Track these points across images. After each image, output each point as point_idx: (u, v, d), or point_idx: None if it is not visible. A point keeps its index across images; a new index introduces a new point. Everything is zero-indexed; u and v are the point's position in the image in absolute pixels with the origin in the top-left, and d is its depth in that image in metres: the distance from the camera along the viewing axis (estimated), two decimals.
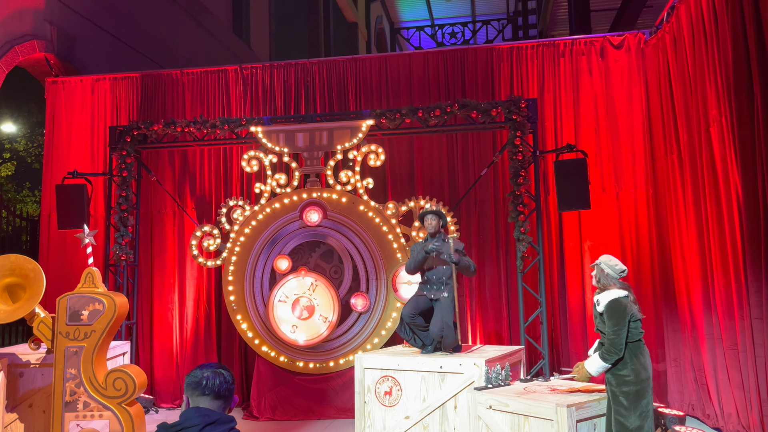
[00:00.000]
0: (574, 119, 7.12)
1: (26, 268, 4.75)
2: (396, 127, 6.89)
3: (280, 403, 6.88)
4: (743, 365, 5.00)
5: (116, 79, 8.06)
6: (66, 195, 7.11)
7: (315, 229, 6.96)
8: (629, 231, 6.90)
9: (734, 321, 5.11)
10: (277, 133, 7.02)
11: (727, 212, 5.15)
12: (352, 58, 7.76)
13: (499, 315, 7.12)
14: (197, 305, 7.61)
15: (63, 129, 8.04)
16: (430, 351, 5.28)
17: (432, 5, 22.07)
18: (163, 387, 7.53)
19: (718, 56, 5.13)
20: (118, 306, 4.69)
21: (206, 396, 2.38)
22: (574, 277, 6.99)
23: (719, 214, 5.30)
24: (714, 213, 5.39)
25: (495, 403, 4.24)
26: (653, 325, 6.67)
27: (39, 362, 5.44)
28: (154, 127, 7.22)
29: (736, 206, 4.98)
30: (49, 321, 4.71)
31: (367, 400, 5.15)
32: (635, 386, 3.71)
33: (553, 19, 15.47)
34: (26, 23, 7.76)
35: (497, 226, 7.22)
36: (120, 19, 9.69)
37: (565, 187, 6.38)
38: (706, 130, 5.46)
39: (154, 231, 7.78)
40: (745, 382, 5.00)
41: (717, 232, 5.34)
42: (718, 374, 5.46)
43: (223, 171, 7.81)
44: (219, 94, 7.91)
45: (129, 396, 4.55)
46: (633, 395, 3.71)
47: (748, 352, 4.87)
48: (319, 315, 6.78)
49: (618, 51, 7.08)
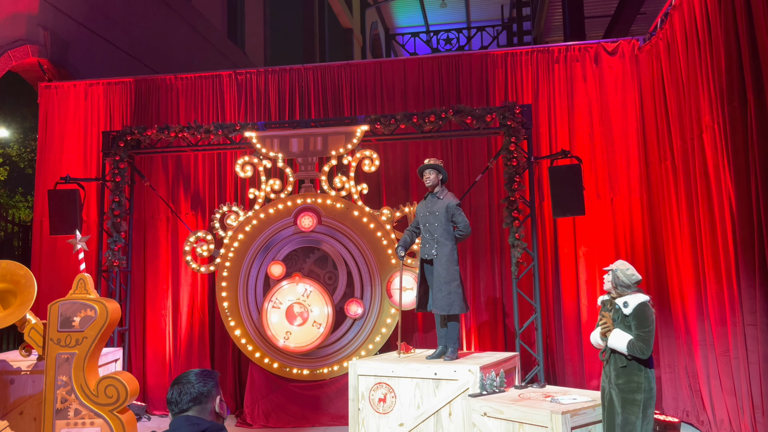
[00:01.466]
0: (568, 125, 7.14)
1: (18, 274, 4.71)
2: (391, 133, 6.88)
3: (274, 410, 6.83)
4: (735, 371, 4.99)
5: (110, 83, 8.04)
6: (58, 200, 7.07)
7: (309, 234, 6.93)
8: (624, 237, 6.91)
9: (726, 327, 5.11)
10: (271, 139, 7.00)
11: (719, 218, 5.16)
12: (346, 64, 7.76)
13: (494, 321, 7.11)
14: (190, 311, 7.57)
15: (56, 134, 7.99)
16: (436, 356, 5.28)
17: (427, 11, 22.15)
18: (156, 394, 7.47)
19: (711, 63, 5.15)
20: (110, 312, 4.65)
21: (183, 412, 2.38)
22: (569, 283, 6.99)
23: (711, 221, 5.30)
24: (707, 219, 5.39)
25: (490, 410, 4.22)
26: None
27: (30, 369, 5.40)
28: (148, 132, 7.20)
29: (728, 213, 4.99)
30: (41, 327, 4.67)
31: (361, 407, 5.12)
32: (648, 394, 3.68)
33: (547, 26, 15.54)
34: (19, 28, 7.73)
35: (492, 231, 7.21)
36: (114, 23, 9.66)
37: (559, 193, 6.38)
38: (699, 136, 5.47)
39: (147, 236, 7.73)
40: (737, 388, 4.99)
41: (710, 238, 5.34)
42: (711, 380, 5.45)
43: (217, 176, 7.78)
44: (213, 99, 7.89)
45: (121, 403, 4.51)
46: (644, 403, 3.67)
47: (740, 359, 4.87)
48: (313, 321, 6.75)
49: (612, 57, 7.11)
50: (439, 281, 5.27)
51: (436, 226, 5.39)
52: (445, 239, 5.36)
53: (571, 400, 4.19)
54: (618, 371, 3.74)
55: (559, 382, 6.79)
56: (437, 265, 5.32)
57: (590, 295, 6.86)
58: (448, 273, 5.27)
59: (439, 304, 5.26)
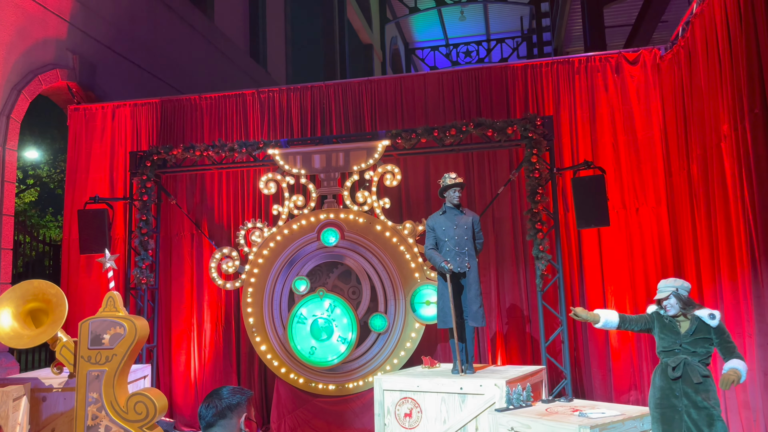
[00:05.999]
0: (590, 135, 7.09)
1: (49, 293, 4.82)
2: (411, 147, 6.91)
3: (300, 425, 6.84)
4: (750, 384, 4.91)
5: (136, 105, 8.21)
6: (87, 220, 7.22)
7: (332, 249, 6.97)
8: (652, 247, 6.79)
9: (742, 339, 5.02)
10: (294, 156, 7.08)
11: (735, 229, 5.07)
12: (367, 80, 7.83)
13: (521, 334, 7.04)
14: (215, 328, 7.64)
15: (84, 155, 8.18)
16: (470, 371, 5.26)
17: (446, 25, 22.25)
18: (183, 410, 7.54)
19: (731, 70, 5.09)
20: (139, 329, 4.73)
21: (210, 426, 2.42)
22: (594, 294, 6.90)
23: (728, 231, 5.21)
24: (723, 229, 5.30)
25: (517, 425, 4.18)
26: None
27: (61, 387, 5.49)
28: (174, 152, 7.33)
29: (743, 223, 4.88)
30: (71, 345, 4.76)
31: (387, 422, 5.11)
32: None
33: (567, 36, 15.49)
34: (49, 52, 7.96)
35: (516, 244, 7.17)
36: (140, 46, 9.89)
37: (583, 204, 6.33)
38: (717, 145, 5.39)
39: (173, 254, 7.85)
40: (751, 401, 4.92)
41: (726, 249, 5.25)
42: (726, 393, 5.36)
43: (240, 193, 7.88)
44: (237, 117, 8.01)
45: (150, 420, 4.57)
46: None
47: (754, 371, 4.78)
48: (338, 336, 6.76)
49: (633, 67, 7.06)
50: (473, 294, 5.35)
51: (466, 239, 5.43)
52: (473, 252, 5.51)
53: (600, 414, 4.13)
54: (695, 387, 3.72)
55: (587, 395, 6.69)
56: (471, 278, 5.38)
57: (618, 306, 6.77)
58: (479, 286, 5.43)
59: (477, 318, 5.34)
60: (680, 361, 3.79)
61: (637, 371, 6.65)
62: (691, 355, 3.77)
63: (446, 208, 5.62)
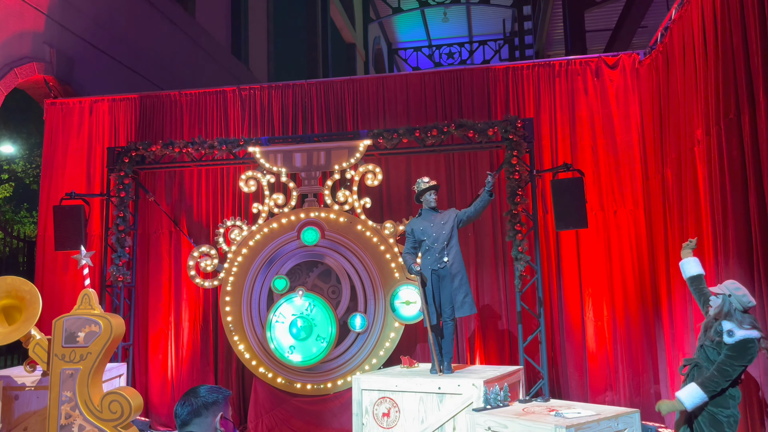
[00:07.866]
0: (570, 138, 7.16)
1: (22, 290, 4.74)
2: (393, 147, 6.92)
3: (278, 425, 6.81)
4: None
5: (114, 100, 8.11)
6: (63, 216, 7.11)
7: (313, 248, 6.95)
8: (630, 249, 6.86)
9: None
10: (275, 154, 7.05)
11: (705, 232, 5.13)
12: (349, 79, 7.81)
13: (499, 334, 7.09)
14: (193, 326, 7.57)
15: (60, 150, 8.05)
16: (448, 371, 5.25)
17: (429, 26, 22.33)
18: (159, 410, 7.46)
19: (706, 76, 5.16)
20: (115, 327, 4.67)
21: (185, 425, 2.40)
22: (572, 296, 6.97)
23: (699, 234, 5.27)
24: (693, 233, 5.36)
25: (494, 425, 4.20)
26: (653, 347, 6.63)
27: (34, 385, 5.40)
28: (152, 148, 7.25)
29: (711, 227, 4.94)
30: (45, 343, 4.69)
31: (365, 422, 5.10)
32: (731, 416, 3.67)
33: (549, 40, 15.64)
34: (26, 46, 7.82)
35: (495, 244, 7.21)
36: (119, 41, 9.77)
37: (562, 206, 6.39)
38: (690, 149, 5.47)
39: (150, 251, 7.76)
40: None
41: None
42: None
43: (220, 191, 7.81)
44: (217, 114, 7.94)
45: (125, 419, 4.51)
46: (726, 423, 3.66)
47: None
48: (317, 335, 6.74)
49: (613, 71, 7.14)
50: (457, 284, 5.32)
51: (444, 234, 5.43)
52: (455, 242, 5.46)
53: (576, 414, 4.17)
54: None
55: (563, 396, 6.76)
56: (454, 269, 5.36)
57: (594, 308, 6.85)
58: (464, 276, 5.36)
59: (464, 307, 5.31)
60: (693, 363, 3.87)
61: (612, 372, 6.72)
62: (706, 361, 3.79)
63: (422, 211, 5.64)
